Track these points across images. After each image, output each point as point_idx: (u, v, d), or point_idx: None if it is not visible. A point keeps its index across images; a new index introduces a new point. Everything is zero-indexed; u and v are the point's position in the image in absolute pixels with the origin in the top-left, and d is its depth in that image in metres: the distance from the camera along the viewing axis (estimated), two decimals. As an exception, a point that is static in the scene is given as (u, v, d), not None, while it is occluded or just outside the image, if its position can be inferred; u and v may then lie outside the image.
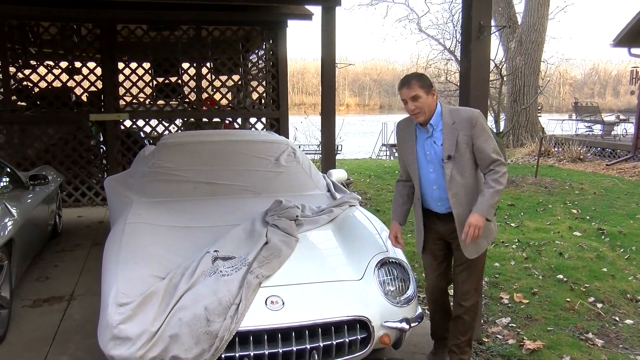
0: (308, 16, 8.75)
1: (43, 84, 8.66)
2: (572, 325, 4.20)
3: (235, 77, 9.80)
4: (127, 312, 2.79)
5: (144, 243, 3.47)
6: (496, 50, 15.21)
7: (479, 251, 3.12)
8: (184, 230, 3.78)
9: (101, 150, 8.96)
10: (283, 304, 2.97)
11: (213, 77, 9.44)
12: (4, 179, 5.17)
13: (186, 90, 9.68)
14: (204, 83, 9.07)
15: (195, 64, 9.03)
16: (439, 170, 3.07)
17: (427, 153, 3.11)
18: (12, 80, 8.34)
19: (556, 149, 15.49)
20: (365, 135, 31.11)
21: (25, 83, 8.71)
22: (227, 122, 9.45)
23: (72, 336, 3.88)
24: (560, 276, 5.26)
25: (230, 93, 9.58)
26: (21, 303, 4.50)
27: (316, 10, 8.48)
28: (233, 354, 2.81)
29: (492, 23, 3.99)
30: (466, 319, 3.23)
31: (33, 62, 8.87)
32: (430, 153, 3.09)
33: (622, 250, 6.12)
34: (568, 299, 4.70)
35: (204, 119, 9.10)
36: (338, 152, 9.88)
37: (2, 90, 8.26)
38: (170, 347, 2.72)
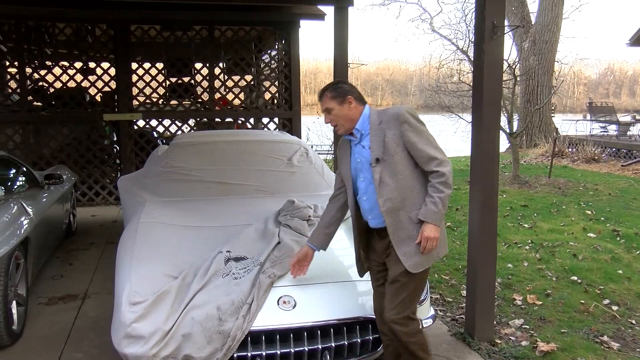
0: (320, 16, 8.76)
1: (58, 84, 8.76)
2: (586, 328, 4.15)
3: (248, 77, 9.83)
4: (140, 310, 2.81)
5: (157, 242, 3.50)
6: (509, 50, 15.06)
7: (424, 265, 2.74)
8: (196, 229, 3.80)
9: (115, 149, 9.03)
10: (295, 304, 2.97)
11: (226, 77, 9.50)
12: (20, 178, 5.23)
13: (199, 90, 9.72)
14: (217, 83, 9.12)
15: (208, 64, 9.08)
16: (368, 177, 2.77)
17: (357, 161, 2.83)
18: (28, 81, 8.43)
19: (570, 150, 15.34)
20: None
21: (40, 83, 8.80)
22: (239, 122, 9.48)
23: (87, 333, 3.91)
24: (575, 278, 5.22)
25: (242, 93, 9.62)
26: (37, 300, 4.55)
27: (329, 10, 8.49)
28: (245, 353, 2.82)
29: (506, 23, 3.97)
30: (413, 352, 2.77)
31: (49, 63, 8.98)
32: (360, 160, 2.81)
33: (638, 252, 6.05)
34: (582, 301, 4.65)
35: (217, 119, 9.14)
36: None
37: (19, 90, 8.37)
38: (182, 346, 2.73)
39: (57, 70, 8.77)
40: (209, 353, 2.73)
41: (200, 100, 9.64)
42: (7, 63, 9.16)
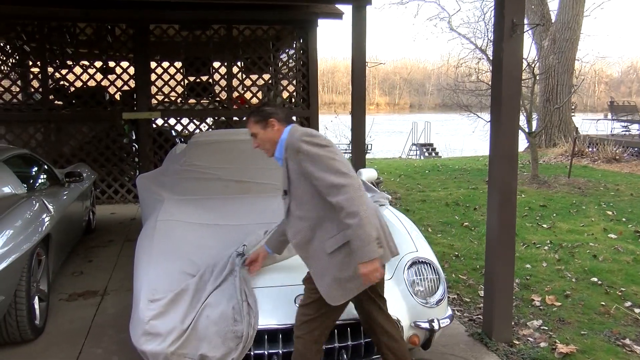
0: (338, 15, 8.76)
1: (78, 83, 8.87)
2: (607, 330, 4.10)
3: (266, 76, 9.86)
4: (158, 308, 2.84)
5: (175, 240, 3.53)
6: (529, 49, 14.95)
7: (346, 297, 2.57)
8: (214, 228, 3.82)
9: (133, 148, 9.12)
10: (312, 302, 2.97)
11: (244, 76, 9.53)
12: (42, 176, 5.31)
13: (217, 89, 9.79)
14: (235, 82, 9.17)
15: (226, 63, 9.12)
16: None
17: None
18: (50, 80, 8.56)
19: (590, 149, 15.15)
20: (395, 134, 30.98)
21: (62, 83, 8.92)
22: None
23: (106, 330, 3.96)
24: (595, 279, 5.15)
25: (260, 92, 9.65)
26: (58, 296, 4.62)
27: (347, 9, 8.48)
28: (262, 351, 2.84)
29: (525, 21, 3.93)
30: None
31: (70, 62, 9.11)
32: None
33: (659, 253, 5.96)
34: (603, 303, 4.59)
35: (235, 118, 9.18)
36: (368, 151, 9.86)
37: (41, 89, 8.49)
38: (199, 345, 2.75)
39: (77, 70, 8.88)
40: (223, 353, 2.74)
41: (218, 99, 9.70)
42: (30, 63, 9.33)
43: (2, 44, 9.18)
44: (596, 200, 8.82)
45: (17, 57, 9.31)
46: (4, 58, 9.25)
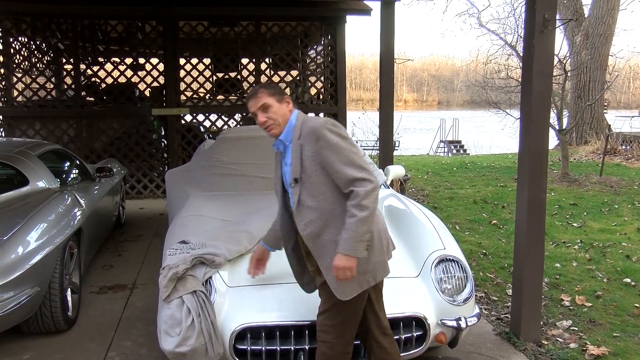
0: (367, 11, 8.73)
1: (109, 80, 9.03)
2: (640, 332, 4.02)
3: (294, 73, 9.89)
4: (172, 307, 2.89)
5: (193, 231, 3.55)
6: (560, 45, 14.73)
7: (356, 291, 2.48)
8: (236, 224, 3.84)
9: (162, 143, 9.24)
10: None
11: (272, 72, 9.57)
12: (74, 171, 5.43)
13: (245, 85, 9.85)
14: (263, 78, 9.20)
15: (254, 60, 9.17)
16: (290, 195, 2.54)
17: (285, 178, 2.57)
18: (82, 77, 8.73)
19: (624, 147, 14.83)
20: (423, 131, 30.77)
21: (93, 79, 9.09)
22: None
23: (135, 323, 4.03)
24: (628, 280, 5.05)
25: (288, 88, 9.68)
26: (89, 289, 4.72)
27: (375, 5, 8.45)
28: (289, 347, 2.85)
29: (557, 16, 3.86)
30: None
31: (101, 59, 9.28)
32: (285, 176, 2.57)
33: (695, 254, 5.81)
34: (637, 305, 4.49)
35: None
36: (396, 148, 9.82)
37: (73, 86, 8.67)
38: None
39: (108, 67, 9.04)
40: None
41: (246, 95, 9.75)
42: (64, 60, 9.53)
43: (38, 42, 9.40)
44: (629, 199, 8.63)
45: (52, 55, 9.54)
46: (40, 56, 9.48)
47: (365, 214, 2.33)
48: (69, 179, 5.20)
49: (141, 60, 9.62)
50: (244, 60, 9.66)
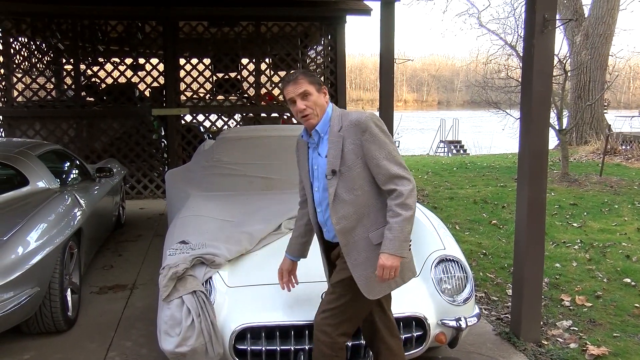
0: (367, 11, 8.73)
1: (109, 80, 9.03)
2: (640, 332, 4.01)
3: (294, 73, 9.87)
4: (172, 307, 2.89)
5: (192, 231, 3.56)
6: (560, 45, 14.72)
7: (383, 291, 2.48)
8: (235, 224, 3.84)
9: (162, 144, 9.24)
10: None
11: (272, 72, 9.57)
12: (74, 171, 5.43)
13: (245, 85, 9.85)
14: (263, 78, 9.20)
15: (254, 60, 9.18)
16: (324, 188, 2.48)
17: (314, 168, 2.53)
18: (82, 77, 8.73)
19: (624, 147, 14.83)
20: (423, 131, 30.78)
21: (93, 79, 9.10)
22: (285, 117, 9.55)
23: (135, 323, 4.03)
24: (628, 280, 5.04)
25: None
26: (89, 289, 4.72)
27: (375, 5, 8.45)
28: (289, 347, 2.85)
29: (557, 16, 3.86)
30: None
31: (101, 60, 9.29)
32: (317, 168, 2.51)
33: (695, 254, 5.81)
34: (637, 305, 4.49)
35: (263, 114, 9.24)
36: (395, 148, 9.80)
37: (73, 86, 8.68)
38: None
39: (108, 67, 9.05)
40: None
41: (246, 95, 9.77)
42: (64, 60, 9.53)
43: (38, 42, 9.40)
44: (629, 199, 8.63)
45: (52, 55, 9.54)
46: (40, 56, 9.48)
47: (410, 213, 2.34)
48: (69, 179, 5.20)
49: (141, 61, 9.62)
50: (244, 61, 9.67)
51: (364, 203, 2.43)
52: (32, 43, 9.30)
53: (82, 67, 8.81)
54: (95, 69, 9.13)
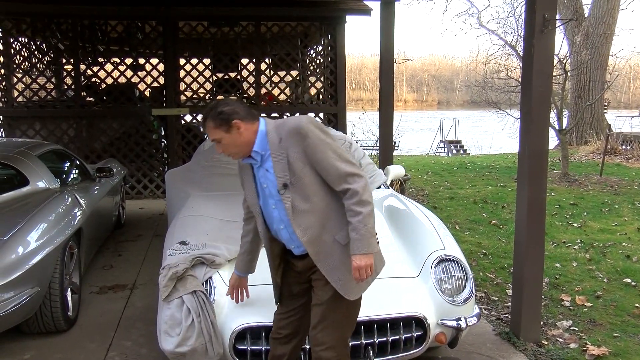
0: (367, 11, 8.73)
1: (109, 80, 9.03)
2: (640, 332, 4.01)
3: (294, 73, 9.89)
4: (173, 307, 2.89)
5: (192, 231, 3.56)
6: (560, 45, 14.72)
7: (363, 289, 2.45)
8: (236, 224, 3.84)
9: (162, 144, 9.24)
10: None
11: (272, 72, 9.56)
12: (74, 171, 5.43)
13: (245, 85, 9.85)
14: (263, 78, 9.20)
15: (254, 60, 9.17)
16: (280, 203, 2.39)
17: (264, 186, 2.43)
18: (82, 77, 8.73)
19: (624, 147, 14.83)
20: (423, 131, 30.77)
21: (93, 79, 9.09)
22: (285, 117, 9.55)
23: (135, 323, 4.03)
24: (628, 280, 5.04)
25: (288, 88, 9.68)
26: (89, 289, 4.72)
27: (375, 5, 8.44)
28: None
29: (557, 16, 3.86)
30: None
31: (101, 60, 9.29)
32: (266, 185, 2.41)
33: (695, 254, 5.81)
34: (637, 305, 4.49)
35: (263, 114, 9.21)
36: (395, 148, 9.82)
37: (73, 86, 8.68)
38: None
39: (108, 67, 9.05)
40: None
41: (246, 95, 9.76)
42: (64, 60, 9.53)
43: (38, 42, 9.40)
44: (630, 199, 8.63)
45: (52, 55, 9.54)
46: (40, 56, 9.48)
47: (369, 208, 2.29)
48: (69, 179, 5.20)
49: (141, 61, 9.62)
50: (244, 61, 9.67)
51: (323, 208, 2.37)
52: (32, 43, 9.30)
53: (82, 67, 8.80)
54: (95, 69, 9.13)
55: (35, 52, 9.44)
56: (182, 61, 9.05)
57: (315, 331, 2.46)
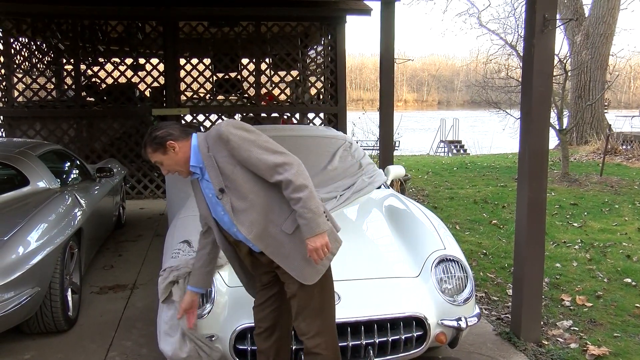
0: (367, 11, 8.73)
1: (109, 80, 9.03)
2: (640, 332, 4.01)
3: (294, 73, 9.90)
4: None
5: (190, 232, 3.56)
6: (560, 44, 14.71)
7: (320, 272, 2.47)
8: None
9: (163, 144, 9.23)
10: (339, 298, 2.97)
11: (272, 72, 9.57)
12: (74, 171, 5.43)
13: (245, 85, 9.85)
14: (263, 78, 9.21)
15: (254, 60, 9.18)
16: (224, 209, 2.46)
17: (209, 196, 2.51)
18: (82, 77, 8.74)
19: (624, 147, 14.82)
20: (423, 131, 30.78)
21: (93, 79, 9.10)
22: (285, 117, 9.56)
23: (135, 323, 4.03)
24: (628, 280, 5.04)
25: (288, 88, 9.68)
26: (89, 289, 4.72)
27: (375, 5, 8.45)
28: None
29: (557, 16, 3.86)
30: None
31: (101, 60, 9.30)
32: (211, 195, 2.49)
33: (695, 254, 5.80)
34: (638, 305, 4.49)
35: (263, 114, 9.24)
36: (396, 148, 9.82)
37: (73, 87, 8.68)
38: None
39: (108, 67, 9.05)
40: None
41: (246, 95, 9.77)
42: (64, 61, 9.54)
43: (38, 43, 9.41)
44: (630, 199, 8.63)
45: (52, 55, 9.54)
46: (40, 56, 9.49)
47: (307, 191, 2.32)
48: (70, 179, 5.20)
49: (141, 61, 9.63)
50: (244, 61, 9.68)
51: (263, 203, 2.42)
52: (32, 43, 9.31)
53: (83, 67, 8.80)
54: (95, 69, 9.14)
55: (36, 52, 9.45)
56: (182, 61, 9.06)
57: (297, 322, 2.55)
